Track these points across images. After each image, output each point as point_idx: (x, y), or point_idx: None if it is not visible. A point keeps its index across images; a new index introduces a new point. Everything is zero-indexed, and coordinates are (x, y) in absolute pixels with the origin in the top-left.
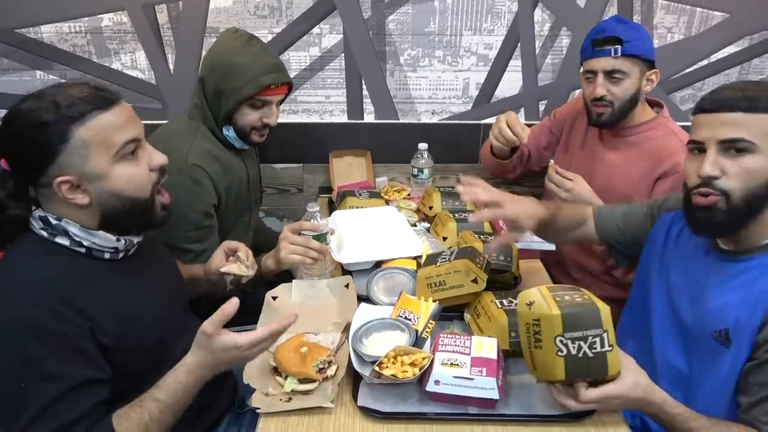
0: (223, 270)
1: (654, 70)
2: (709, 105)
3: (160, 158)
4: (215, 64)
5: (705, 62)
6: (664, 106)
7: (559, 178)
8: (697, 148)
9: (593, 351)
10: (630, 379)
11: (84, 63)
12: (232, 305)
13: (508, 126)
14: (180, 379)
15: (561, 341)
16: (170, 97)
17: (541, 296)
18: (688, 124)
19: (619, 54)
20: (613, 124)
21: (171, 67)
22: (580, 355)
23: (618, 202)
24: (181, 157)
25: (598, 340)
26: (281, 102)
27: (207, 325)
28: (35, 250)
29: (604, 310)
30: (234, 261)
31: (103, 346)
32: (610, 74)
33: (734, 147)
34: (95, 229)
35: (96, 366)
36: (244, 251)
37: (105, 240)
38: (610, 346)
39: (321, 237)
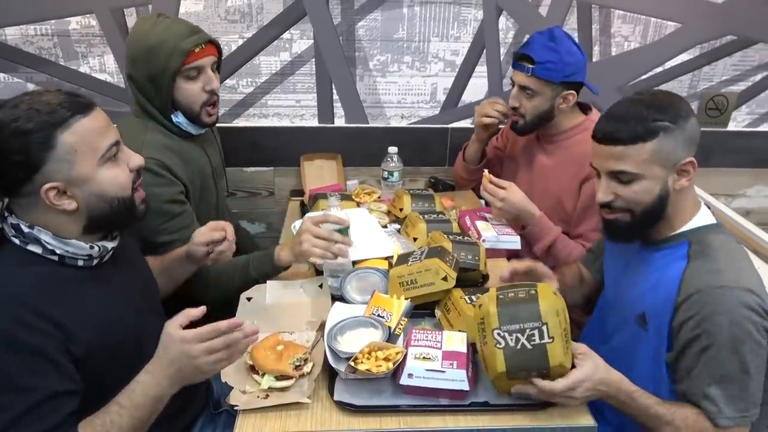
0: None
1: (570, 91)
2: (598, 135)
3: (137, 159)
4: (134, 55)
5: (659, 69)
6: (592, 109)
7: (492, 187)
8: (596, 172)
9: (532, 343)
10: (589, 363)
11: (51, 66)
12: (198, 310)
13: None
14: (140, 378)
15: (498, 334)
16: None
17: (488, 297)
18: None
19: (531, 74)
20: (527, 133)
21: None
22: (518, 347)
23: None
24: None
25: (536, 332)
26: (217, 67)
27: (168, 324)
28: (8, 260)
29: (548, 304)
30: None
31: (76, 357)
32: (523, 89)
33: (619, 178)
34: (74, 235)
35: (67, 378)
36: (230, 230)
37: (78, 248)
38: (550, 338)
39: (344, 231)
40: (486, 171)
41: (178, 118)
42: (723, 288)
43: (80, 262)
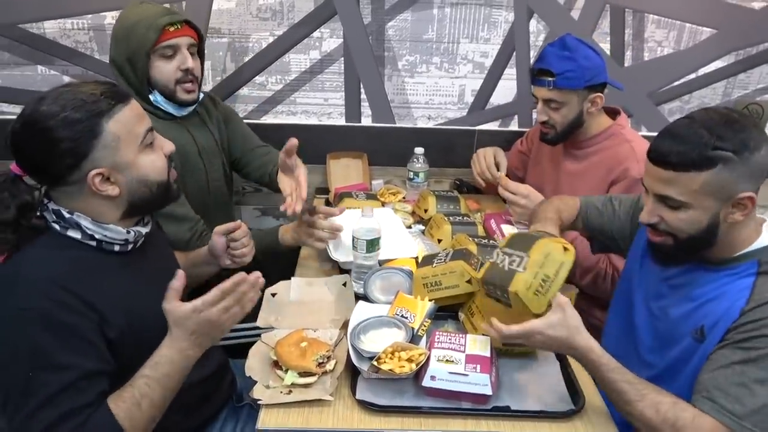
0: None
1: (597, 94)
2: (651, 153)
3: (170, 145)
4: (115, 36)
5: (693, 76)
6: (621, 113)
7: (515, 185)
8: (645, 189)
9: (510, 267)
10: (554, 318)
11: (86, 59)
12: (179, 279)
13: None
14: (162, 352)
15: (497, 254)
16: None
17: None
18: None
19: (552, 86)
20: (559, 143)
21: None
22: (500, 264)
23: (598, 197)
24: None
25: (517, 260)
26: (197, 51)
27: (164, 304)
28: (47, 244)
29: (544, 246)
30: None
31: (108, 339)
32: (547, 102)
33: (666, 202)
34: (113, 221)
35: (102, 358)
36: (241, 232)
37: (116, 233)
38: (524, 269)
39: (375, 241)
40: (500, 173)
41: (156, 98)
42: None
43: (116, 248)
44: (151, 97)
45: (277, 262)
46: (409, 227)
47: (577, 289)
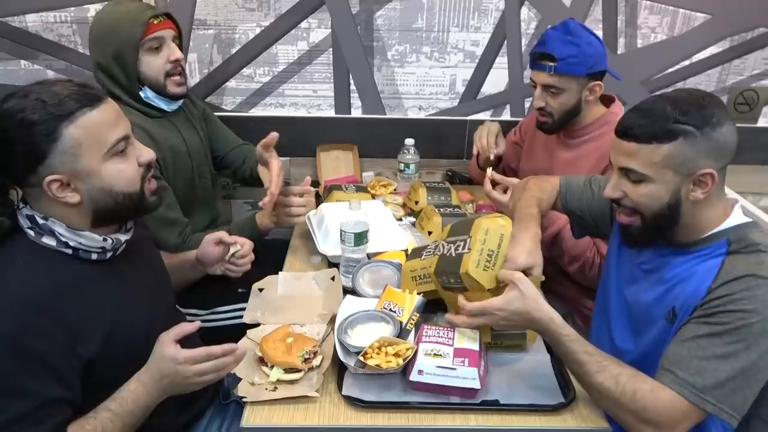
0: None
1: (596, 82)
2: (617, 127)
3: (148, 154)
4: (98, 35)
5: (687, 62)
6: (615, 101)
7: (496, 195)
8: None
9: (456, 252)
10: (512, 294)
11: (70, 53)
12: (193, 326)
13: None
14: (131, 387)
15: (443, 245)
16: None
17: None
18: None
19: (553, 71)
20: (556, 131)
21: None
22: (447, 254)
23: (578, 178)
24: None
25: (462, 243)
26: (179, 43)
27: (163, 334)
28: (22, 255)
29: (482, 224)
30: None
31: (85, 358)
32: (546, 88)
33: (629, 176)
34: (85, 228)
35: (67, 385)
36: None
37: (91, 240)
38: (468, 249)
39: (363, 234)
40: (490, 170)
41: (146, 94)
42: (766, 279)
43: (94, 256)
44: (141, 93)
45: (266, 258)
46: (400, 219)
47: (543, 277)
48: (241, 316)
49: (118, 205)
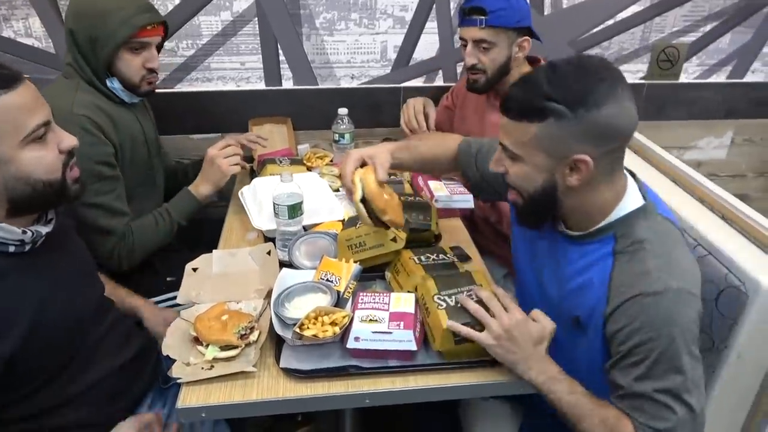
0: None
1: (525, 38)
2: (501, 102)
3: (70, 141)
4: (82, 11)
5: (611, 21)
6: (540, 61)
7: None
8: None
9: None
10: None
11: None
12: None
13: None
14: None
15: (439, 298)
16: None
17: (416, 269)
18: None
19: (484, 25)
20: (487, 90)
21: None
22: (458, 306)
23: (481, 140)
24: (66, 110)
25: (473, 293)
26: (160, 47)
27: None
28: None
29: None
30: None
31: (5, 357)
32: (478, 43)
33: (506, 152)
34: (2, 218)
35: None
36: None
37: (8, 232)
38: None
39: (297, 206)
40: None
41: (113, 84)
42: (655, 296)
43: (11, 248)
44: (108, 82)
45: (200, 237)
46: (337, 191)
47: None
48: (175, 305)
49: (36, 193)
